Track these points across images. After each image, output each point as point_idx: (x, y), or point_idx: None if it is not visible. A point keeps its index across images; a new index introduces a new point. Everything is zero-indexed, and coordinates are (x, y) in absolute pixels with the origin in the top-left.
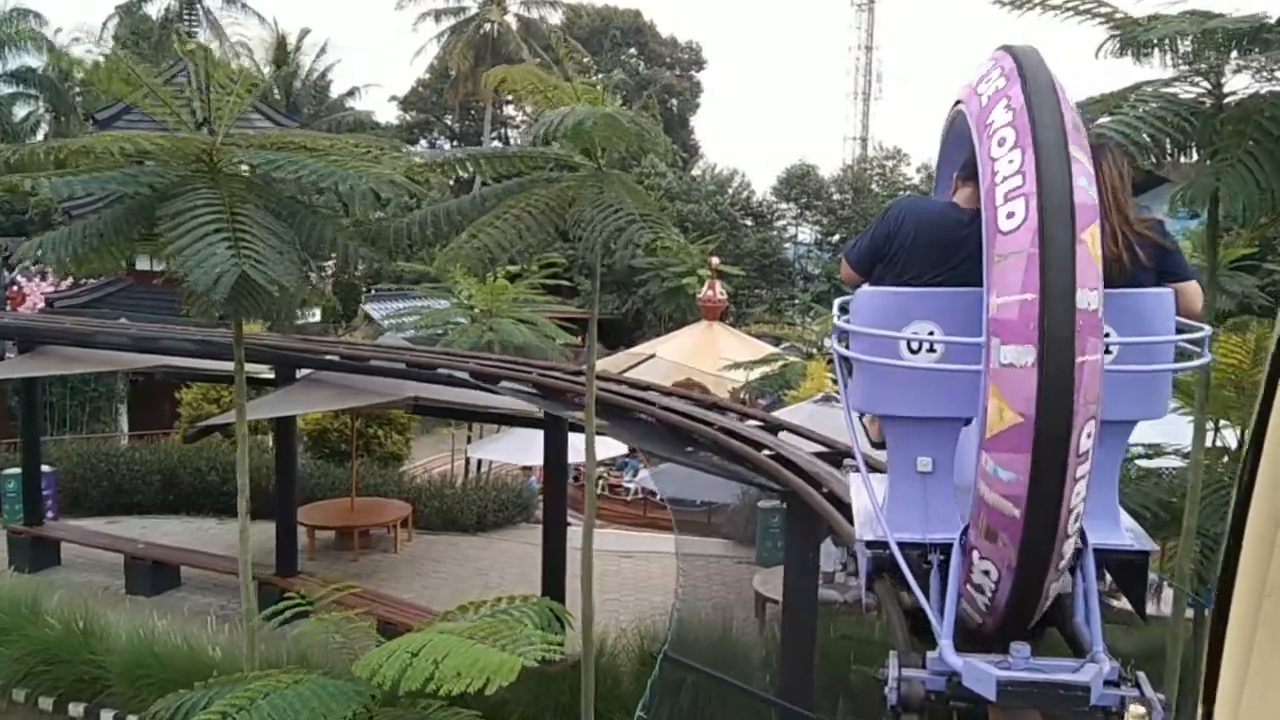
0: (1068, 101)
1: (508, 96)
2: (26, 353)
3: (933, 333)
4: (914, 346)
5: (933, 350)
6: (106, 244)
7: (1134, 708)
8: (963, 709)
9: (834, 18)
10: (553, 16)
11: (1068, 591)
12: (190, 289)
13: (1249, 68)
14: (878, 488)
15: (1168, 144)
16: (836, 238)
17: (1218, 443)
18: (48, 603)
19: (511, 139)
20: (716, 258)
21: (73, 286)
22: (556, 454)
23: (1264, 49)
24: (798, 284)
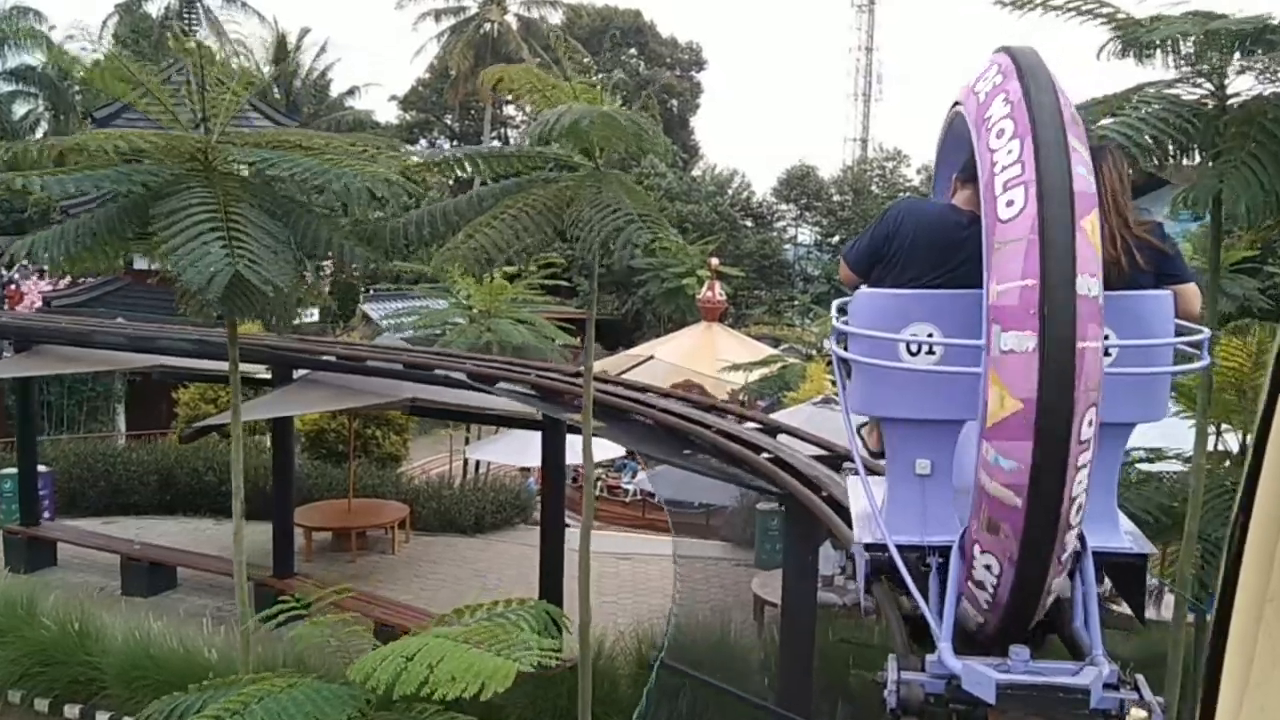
0: (1066, 97)
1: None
2: (23, 352)
3: (932, 334)
4: (913, 348)
5: (932, 352)
6: (100, 243)
7: (1134, 711)
8: (962, 712)
9: (834, 19)
10: (553, 16)
11: (1067, 596)
12: (184, 288)
13: (1252, 69)
14: (876, 490)
15: (1170, 146)
16: (836, 239)
17: (1219, 447)
18: (43, 604)
19: (511, 139)
20: (716, 259)
21: (71, 285)
22: (554, 456)
23: (1267, 50)
24: (797, 285)
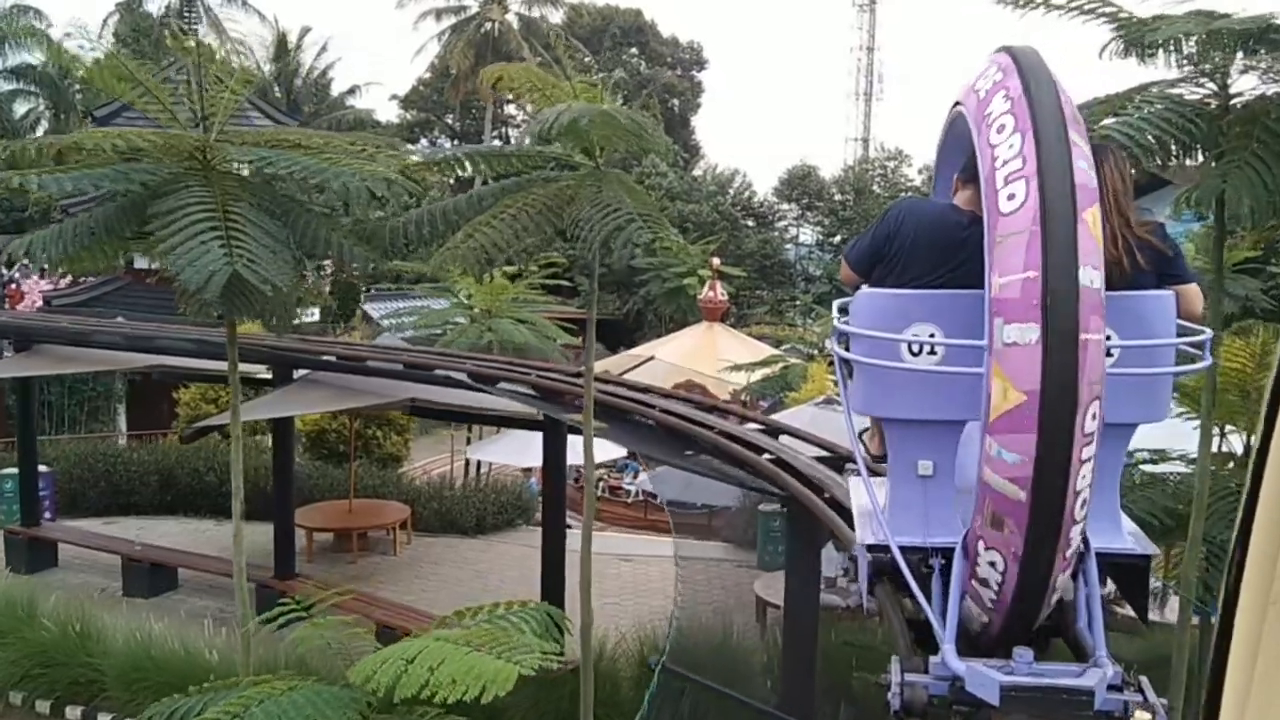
0: (1066, 94)
1: (508, 96)
2: (23, 351)
3: (933, 335)
4: (914, 349)
5: (933, 352)
6: (98, 242)
7: (1138, 713)
8: (965, 714)
9: (835, 18)
10: (554, 16)
11: (1070, 598)
12: (183, 288)
13: (1256, 69)
14: (878, 491)
15: (1173, 145)
16: (838, 239)
17: (1223, 448)
18: (44, 605)
19: (512, 138)
20: (717, 258)
21: (71, 285)
22: (555, 456)
23: (1271, 50)
24: (799, 285)
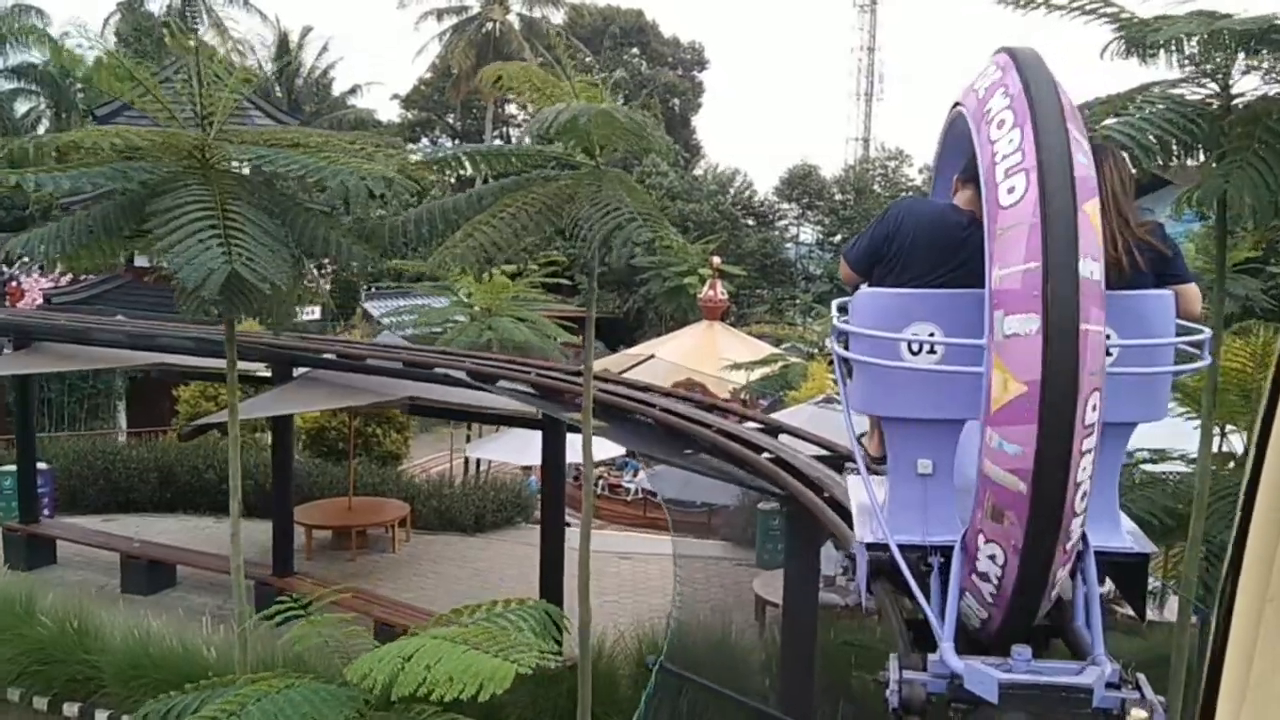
0: (1065, 93)
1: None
2: (22, 349)
3: (933, 334)
4: (914, 348)
5: (933, 352)
6: (96, 240)
7: (1134, 711)
8: (963, 711)
9: (836, 18)
10: (555, 16)
11: (1068, 597)
12: (181, 286)
13: (1258, 69)
14: (877, 490)
15: (1174, 146)
16: (838, 238)
17: (1223, 448)
18: (43, 602)
19: (513, 138)
20: (718, 257)
21: (72, 283)
22: (554, 455)
23: (1273, 50)
24: (799, 284)
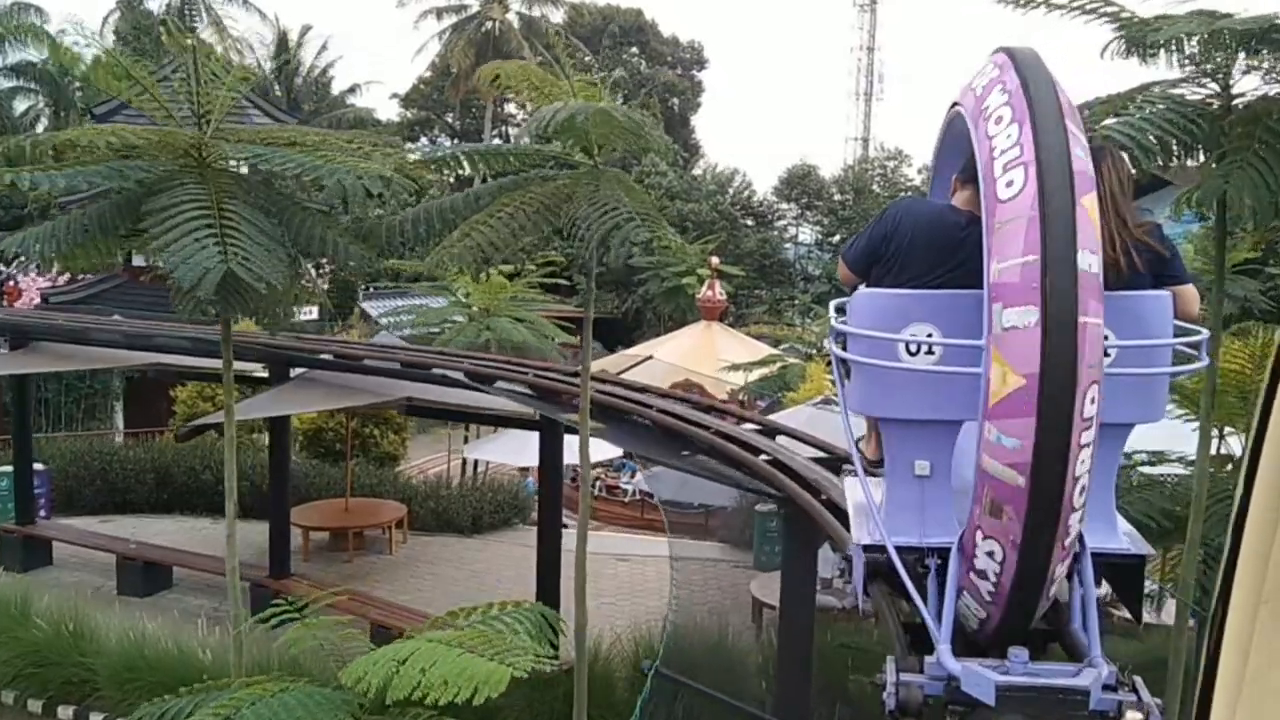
0: (1064, 91)
1: (507, 94)
2: (19, 349)
3: (931, 335)
4: (912, 348)
5: (931, 352)
6: (92, 239)
7: (1131, 713)
8: (961, 714)
9: (836, 18)
10: (555, 15)
11: (1065, 600)
12: (177, 285)
13: (1258, 69)
14: (874, 491)
15: (1174, 146)
16: (837, 238)
17: (1222, 450)
18: (38, 604)
19: (512, 137)
20: (716, 257)
21: (70, 282)
22: (552, 456)
23: (1273, 50)
24: (798, 285)
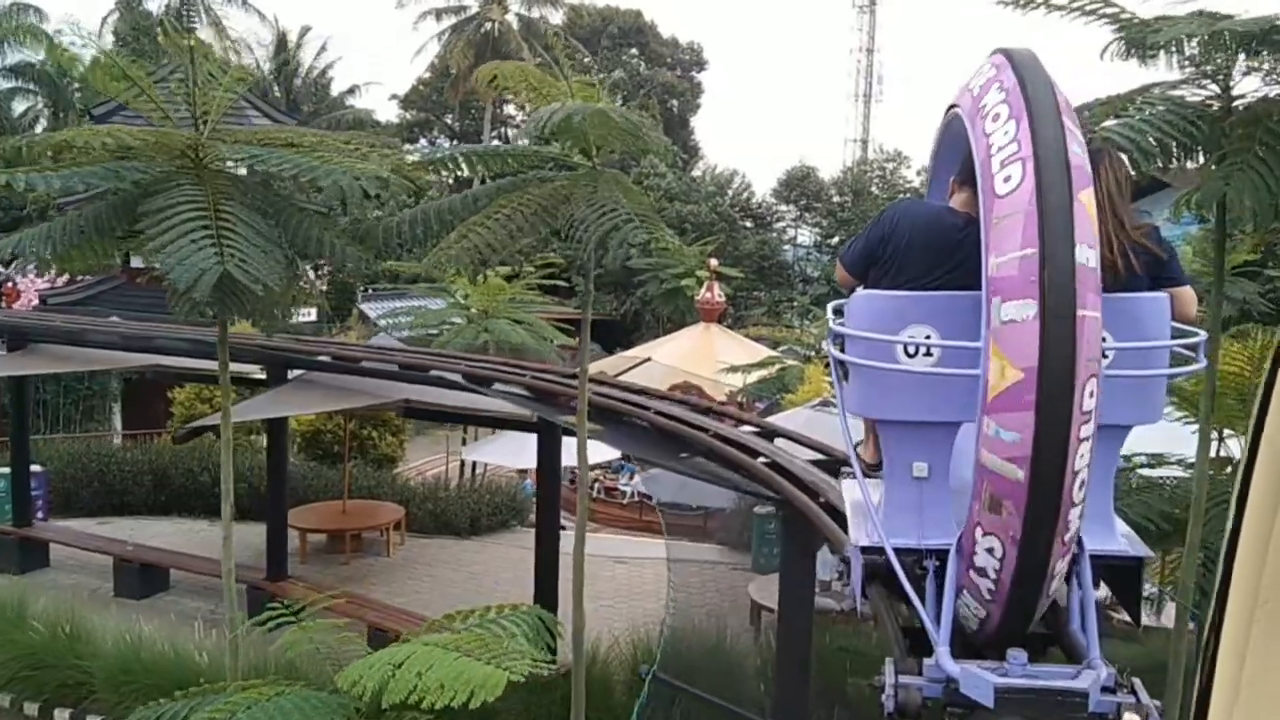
0: (1061, 91)
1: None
2: (17, 350)
3: (929, 336)
4: (910, 350)
5: (929, 354)
6: (88, 240)
7: (1128, 716)
8: (959, 715)
9: (836, 19)
10: (554, 16)
11: (1064, 604)
12: (173, 287)
13: (1259, 70)
14: (873, 492)
15: (1174, 148)
16: (836, 240)
17: (1222, 453)
18: (34, 606)
19: (511, 138)
20: (715, 259)
21: (69, 283)
22: (550, 458)
23: (1274, 51)
24: (797, 286)
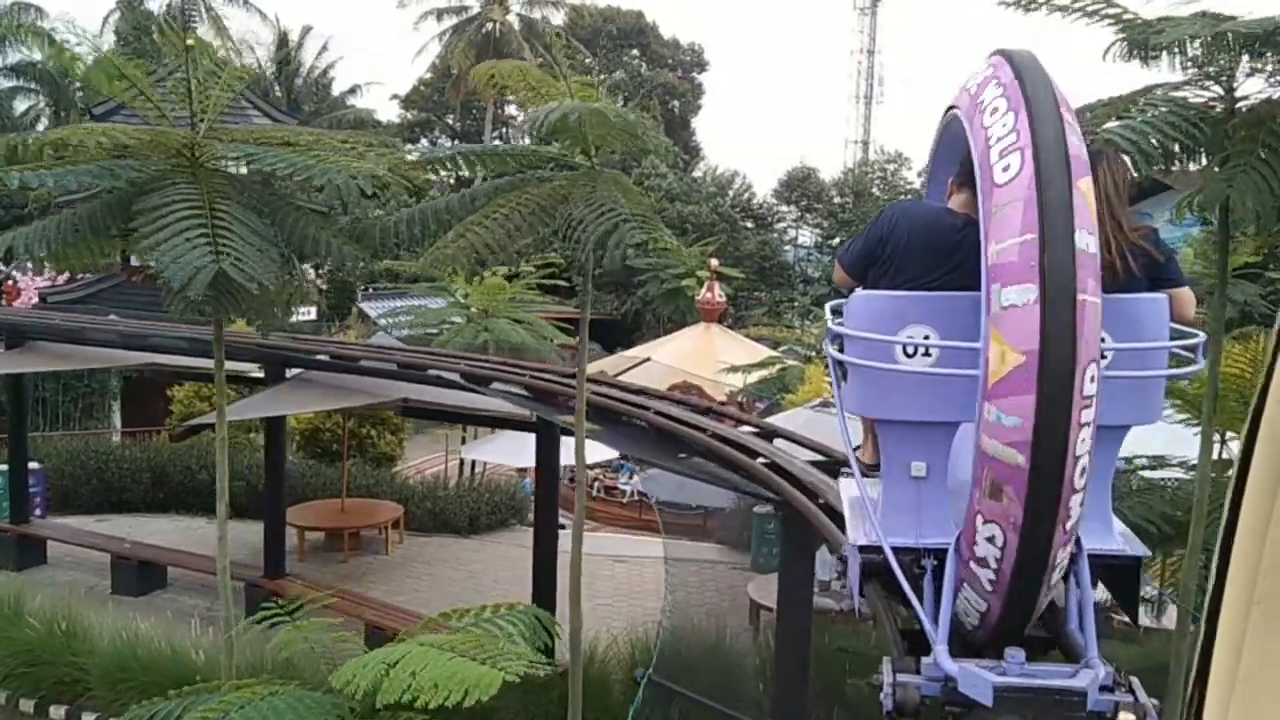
0: (1058, 86)
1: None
2: (16, 348)
3: (928, 337)
4: (909, 350)
5: (928, 354)
6: (83, 239)
7: (1125, 715)
8: (957, 714)
9: (837, 21)
10: (555, 17)
11: (1062, 604)
12: (168, 285)
13: (1262, 72)
14: (871, 492)
15: (1177, 150)
16: (836, 241)
17: (1223, 455)
18: (31, 603)
19: (512, 138)
20: (716, 260)
21: (68, 281)
22: (548, 458)
23: (1277, 52)
24: (797, 287)
